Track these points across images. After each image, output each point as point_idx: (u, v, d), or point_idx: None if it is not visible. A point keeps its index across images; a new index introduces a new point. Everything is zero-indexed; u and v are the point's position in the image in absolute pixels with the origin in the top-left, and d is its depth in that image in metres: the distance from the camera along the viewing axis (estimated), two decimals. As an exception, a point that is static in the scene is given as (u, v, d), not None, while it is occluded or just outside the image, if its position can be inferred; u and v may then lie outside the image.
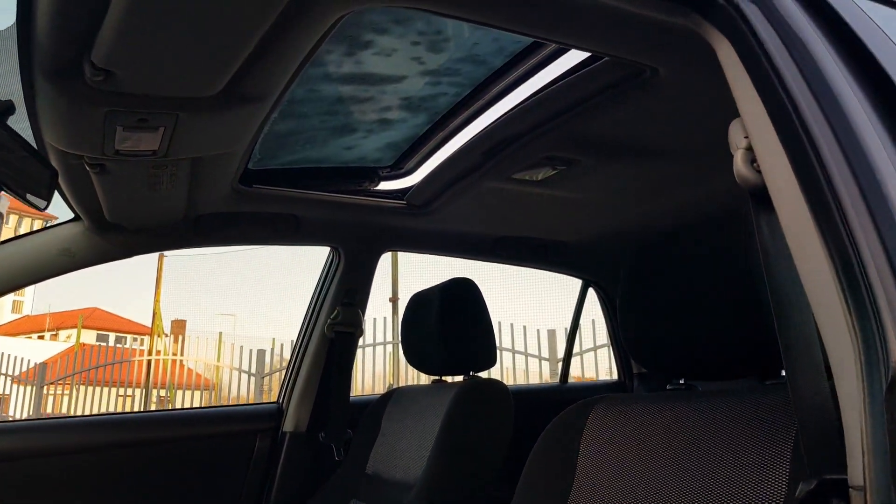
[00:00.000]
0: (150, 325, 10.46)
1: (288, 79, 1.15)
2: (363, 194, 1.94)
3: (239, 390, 8.25)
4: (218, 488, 1.97)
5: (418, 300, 1.96)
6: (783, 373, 0.95)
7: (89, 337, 17.89)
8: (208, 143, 1.33)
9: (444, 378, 1.94)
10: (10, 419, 9.40)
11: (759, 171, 0.72)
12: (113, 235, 1.76)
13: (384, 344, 7.73)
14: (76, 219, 1.72)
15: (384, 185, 1.96)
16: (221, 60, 1.01)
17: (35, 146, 1.31)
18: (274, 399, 2.29)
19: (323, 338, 2.13)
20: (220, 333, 9.50)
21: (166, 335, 10.66)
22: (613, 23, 0.99)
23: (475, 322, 1.82)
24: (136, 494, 1.87)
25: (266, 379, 7.81)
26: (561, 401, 2.58)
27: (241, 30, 0.94)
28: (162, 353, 9.09)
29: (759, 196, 0.72)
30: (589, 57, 1.25)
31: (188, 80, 1.07)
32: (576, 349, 2.82)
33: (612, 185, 1.79)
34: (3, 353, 9.00)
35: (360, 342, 7.17)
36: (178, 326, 15.69)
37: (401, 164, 1.89)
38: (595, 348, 6.82)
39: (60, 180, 1.45)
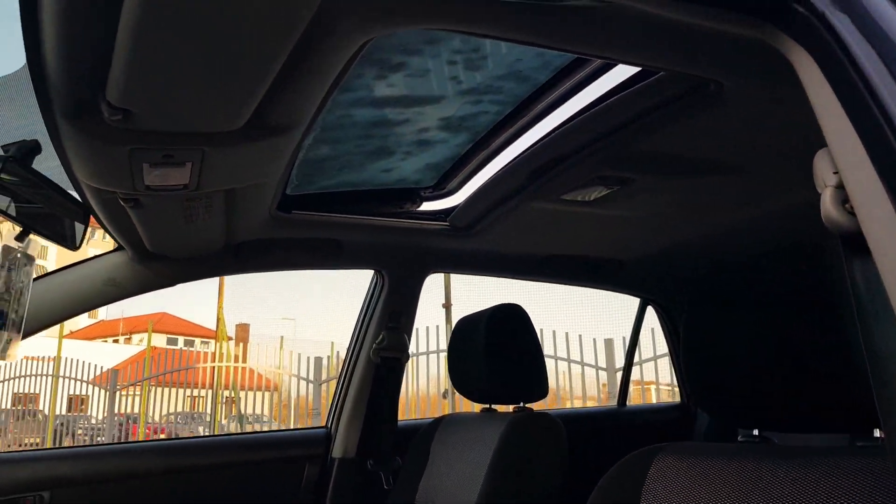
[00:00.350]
0: (215, 329, 10.74)
1: (315, 108, 1.09)
2: (405, 216, 1.87)
3: (299, 391, 8.37)
4: None
5: (464, 326, 1.87)
6: (877, 433, 0.83)
7: (159, 341, 18.58)
8: (239, 174, 1.28)
9: (494, 406, 1.86)
10: (91, 419, 9.78)
11: (852, 214, 0.60)
12: (156, 265, 1.74)
13: (437, 352, 7.65)
14: (120, 248, 1.71)
15: (427, 206, 1.89)
16: (241, 94, 0.96)
17: (69, 182, 1.30)
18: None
19: (369, 362, 2.07)
20: (282, 338, 9.67)
21: (230, 338, 10.89)
22: (675, 37, 0.88)
23: (524, 351, 1.73)
24: None
25: (323, 385, 7.88)
26: (620, 426, 2.48)
27: (258, 61, 0.88)
28: (226, 357, 9.28)
29: (853, 241, 0.60)
30: (643, 70, 1.15)
31: (209, 116, 1.02)
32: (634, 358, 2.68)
33: (672, 203, 1.67)
34: (79, 360, 9.37)
35: (413, 349, 7.04)
36: (243, 330, 16.12)
37: (443, 185, 1.82)
38: (655, 358, 6.57)
39: (99, 213, 1.43)
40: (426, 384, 7.86)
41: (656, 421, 2.56)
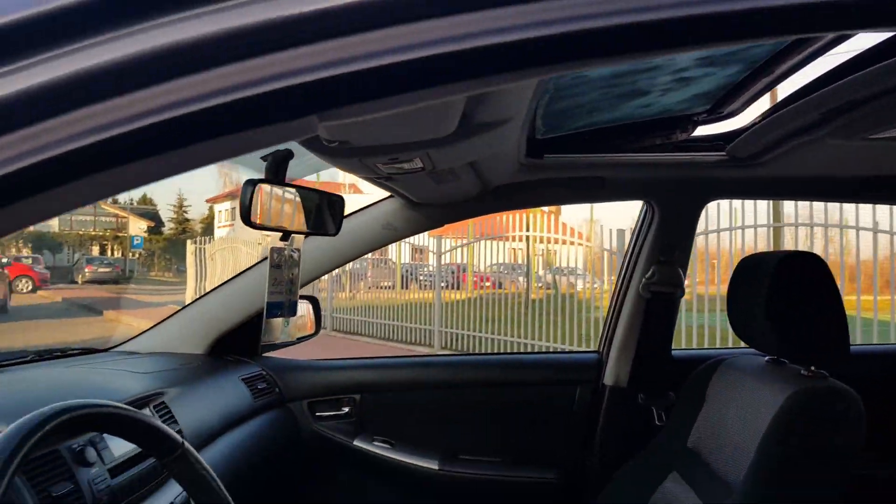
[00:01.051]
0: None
1: (528, 100, 0.99)
2: (674, 149, 1.65)
3: (602, 253, 8.45)
4: (543, 433, 2.06)
5: (750, 265, 1.63)
6: None
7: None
8: (470, 155, 1.25)
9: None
10: (429, 267, 11.27)
11: None
12: (425, 210, 1.85)
13: (742, 228, 6.79)
14: (393, 195, 1.84)
15: (701, 130, 1.63)
16: (438, 118, 0.91)
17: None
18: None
19: (639, 296, 1.97)
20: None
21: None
22: None
23: (818, 309, 1.45)
24: (471, 427, 2.07)
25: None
26: None
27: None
28: (539, 224, 9.62)
29: None
30: None
31: (418, 132, 0.99)
32: None
33: None
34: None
35: (703, 227, 6.34)
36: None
37: (719, 109, 1.54)
38: None
39: (366, 180, 1.55)
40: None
41: None
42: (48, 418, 0.73)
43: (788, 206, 6.51)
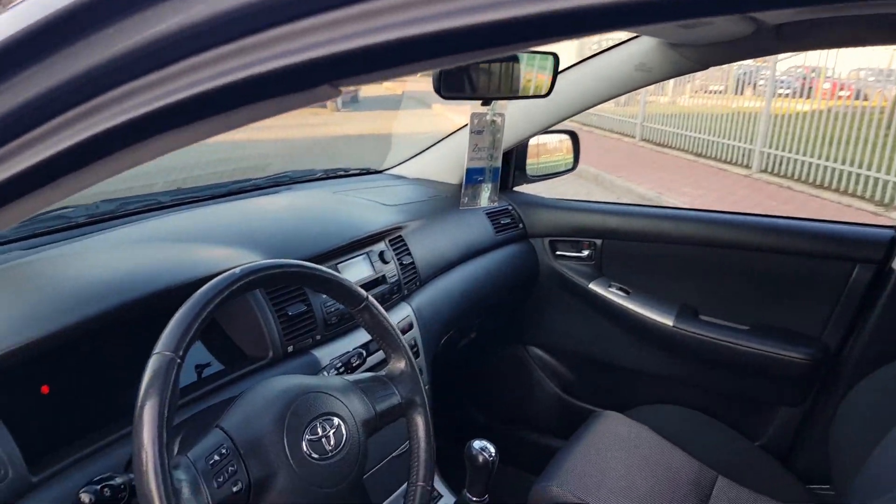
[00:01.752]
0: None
1: None
2: None
3: None
4: (803, 309, 1.84)
5: None
6: None
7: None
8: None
9: None
10: (766, 70, 9.93)
11: None
12: (686, 50, 1.60)
13: None
14: (646, 33, 1.62)
15: None
16: None
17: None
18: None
19: None
20: None
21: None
22: None
23: None
24: (718, 289, 1.94)
25: None
26: None
27: None
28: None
29: None
30: None
31: None
32: None
33: None
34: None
35: None
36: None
37: None
38: None
39: None
40: None
41: None
42: (239, 277, 0.89)
43: None
